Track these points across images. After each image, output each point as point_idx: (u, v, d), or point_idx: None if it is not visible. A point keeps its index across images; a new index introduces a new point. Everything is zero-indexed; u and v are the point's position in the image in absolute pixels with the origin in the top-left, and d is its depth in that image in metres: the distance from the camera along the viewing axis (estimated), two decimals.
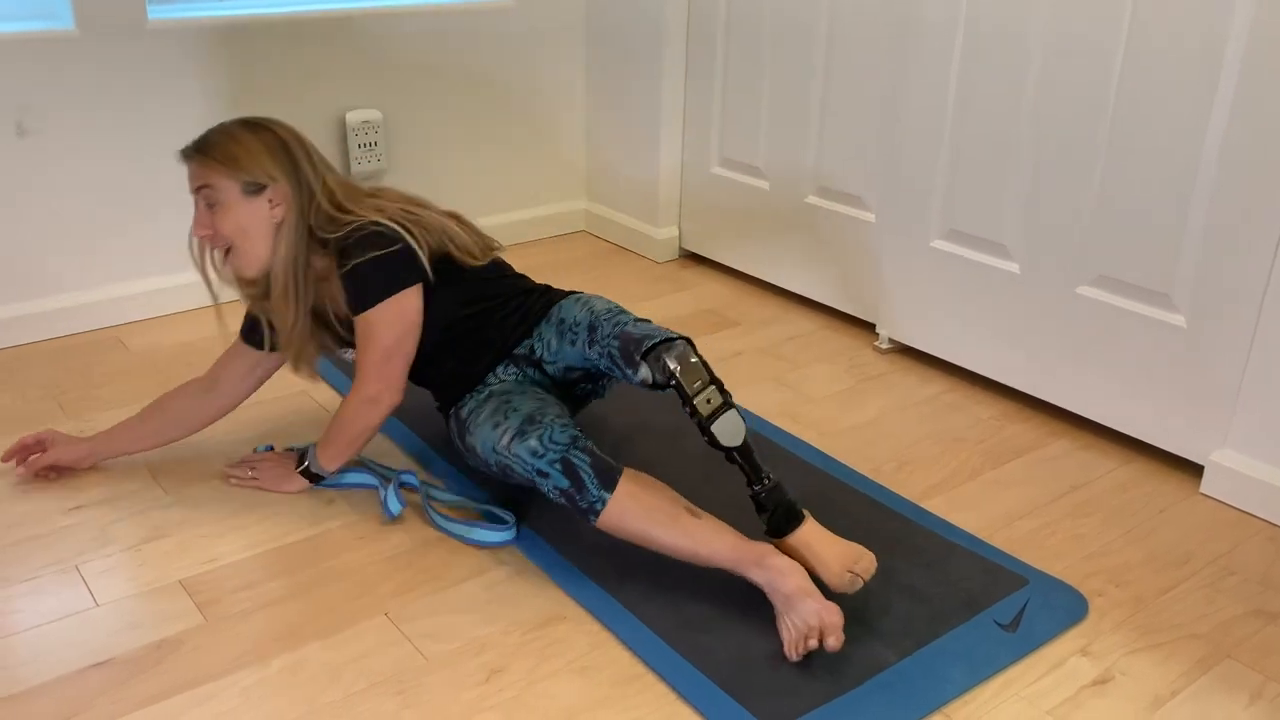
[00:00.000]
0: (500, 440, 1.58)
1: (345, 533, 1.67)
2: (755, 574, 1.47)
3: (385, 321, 1.63)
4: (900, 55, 2.20)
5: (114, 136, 2.29)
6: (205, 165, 1.61)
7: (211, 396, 1.81)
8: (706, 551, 1.50)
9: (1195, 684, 1.42)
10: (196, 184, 1.63)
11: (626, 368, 1.56)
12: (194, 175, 1.63)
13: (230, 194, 1.61)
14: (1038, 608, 1.55)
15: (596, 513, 1.51)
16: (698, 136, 2.76)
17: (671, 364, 1.51)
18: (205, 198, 1.62)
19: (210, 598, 1.52)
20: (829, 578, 1.48)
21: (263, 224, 1.63)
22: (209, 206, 1.62)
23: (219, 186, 1.61)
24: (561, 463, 1.52)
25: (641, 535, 1.52)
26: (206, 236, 1.64)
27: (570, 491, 1.52)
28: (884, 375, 2.27)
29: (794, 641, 1.41)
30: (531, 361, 1.73)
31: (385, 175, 2.68)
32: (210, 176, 1.61)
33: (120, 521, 1.69)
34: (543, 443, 1.54)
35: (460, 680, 1.39)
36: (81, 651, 1.41)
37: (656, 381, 1.53)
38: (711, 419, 1.51)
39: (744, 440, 1.53)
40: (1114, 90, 1.85)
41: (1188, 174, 1.78)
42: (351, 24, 2.53)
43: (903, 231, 2.28)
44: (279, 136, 1.65)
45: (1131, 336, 1.92)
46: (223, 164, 1.60)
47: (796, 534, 1.50)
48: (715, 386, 1.52)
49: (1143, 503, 1.83)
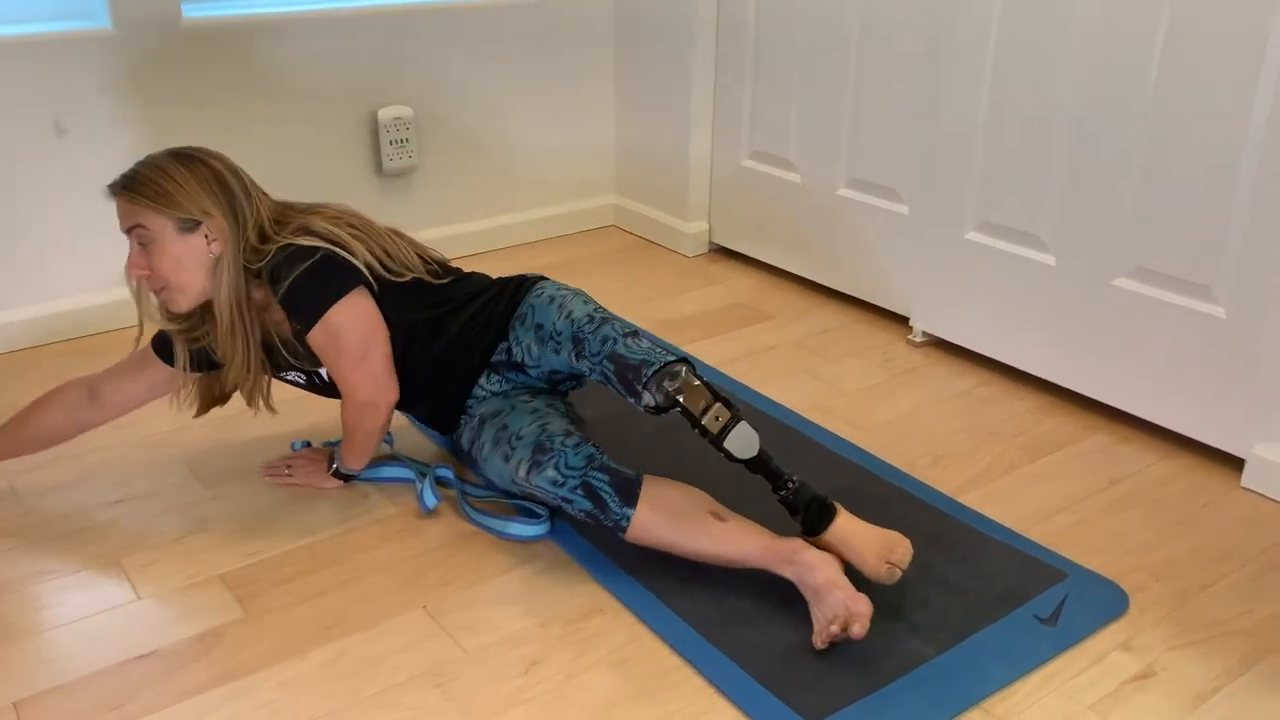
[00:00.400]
0: (517, 473, 1.58)
1: (383, 527, 1.68)
2: (785, 570, 1.47)
3: (342, 326, 1.58)
4: (935, 45, 2.19)
5: (149, 134, 2.31)
6: (136, 204, 1.54)
7: (92, 409, 1.72)
8: (735, 554, 1.50)
9: (1238, 681, 1.41)
10: (128, 224, 1.55)
11: (628, 395, 1.53)
12: (125, 214, 1.55)
13: (164, 232, 1.54)
14: (1077, 602, 1.53)
15: (623, 529, 1.52)
16: (728, 129, 2.75)
17: (674, 391, 1.49)
18: (138, 237, 1.55)
19: (250, 591, 1.53)
20: (867, 570, 1.47)
21: (200, 261, 1.56)
22: (142, 246, 1.55)
23: (152, 226, 1.54)
24: (582, 487, 1.52)
25: (669, 545, 1.52)
26: (143, 276, 1.57)
27: (594, 513, 1.52)
28: (918, 369, 2.26)
29: (820, 630, 1.41)
30: (512, 365, 1.70)
31: (417, 171, 2.69)
32: (142, 216, 1.54)
33: (161, 516, 1.70)
34: (560, 471, 1.53)
35: (499, 673, 1.39)
36: (125, 644, 1.43)
37: (660, 406, 1.51)
38: (723, 435, 1.50)
39: (759, 449, 1.52)
40: (1154, 79, 1.83)
41: (1229, 163, 1.76)
42: (384, 21, 2.54)
43: (937, 224, 2.27)
44: (213, 169, 1.58)
45: (1170, 329, 1.90)
46: (155, 202, 1.53)
47: (831, 529, 1.50)
48: (721, 403, 1.50)
49: (1183, 497, 1.81)
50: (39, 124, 2.19)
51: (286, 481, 1.78)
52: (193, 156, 1.59)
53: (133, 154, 2.29)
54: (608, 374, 1.55)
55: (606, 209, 3.08)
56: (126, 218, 1.56)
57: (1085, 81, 1.93)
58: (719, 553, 1.51)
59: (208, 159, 1.59)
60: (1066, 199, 2.01)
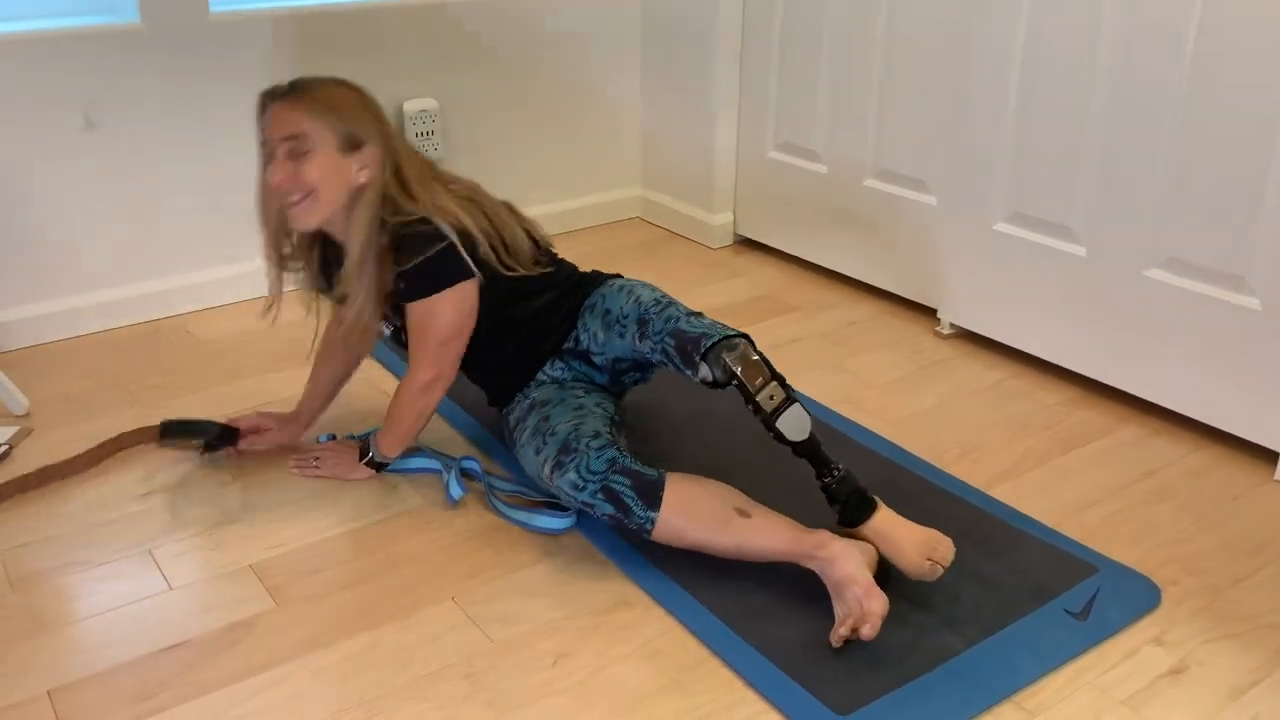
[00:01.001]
0: (542, 471, 1.58)
1: (411, 518, 1.69)
2: (811, 564, 1.47)
3: (442, 312, 1.63)
4: (964, 36, 2.17)
5: (178, 128, 2.32)
6: (301, 110, 1.52)
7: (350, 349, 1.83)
8: (761, 550, 1.50)
9: (1274, 675, 1.39)
10: (286, 131, 1.52)
11: (685, 367, 1.55)
12: (285, 121, 1.52)
13: (325, 144, 1.53)
14: (1109, 596, 1.52)
15: (648, 532, 1.51)
16: (753, 121, 2.74)
17: (732, 363, 1.49)
18: (292, 147, 1.52)
19: (280, 582, 1.54)
20: (907, 566, 1.46)
21: (346, 183, 1.56)
22: (293, 156, 1.53)
23: (313, 136, 1.52)
24: (603, 491, 1.51)
25: (696, 544, 1.52)
26: (284, 182, 1.54)
27: (618, 517, 1.52)
28: (946, 361, 2.24)
29: (833, 630, 1.41)
30: (578, 354, 1.73)
31: (442, 164, 2.68)
32: (306, 123, 1.52)
33: (191, 507, 1.72)
34: (581, 475, 1.52)
35: (528, 664, 1.39)
36: (157, 634, 1.44)
37: (717, 380, 1.51)
38: (775, 415, 1.49)
39: (810, 433, 1.51)
40: (1187, 68, 1.80)
41: (1264, 152, 1.73)
42: (409, 13, 2.54)
43: (965, 215, 2.25)
44: (377, 104, 1.61)
45: (1203, 320, 1.88)
46: (325, 111, 1.53)
47: (870, 523, 1.49)
48: (777, 382, 1.50)
49: (1216, 490, 1.79)
50: (68, 117, 2.20)
51: (315, 473, 1.79)
52: (356, 86, 1.61)
53: (160, 149, 2.32)
54: (668, 350, 1.56)
55: (632, 201, 3.08)
56: (286, 124, 1.53)
57: (1116, 71, 1.91)
58: (745, 549, 1.50)
59: (368, 93, 1.61)
60: (1097, 189, 1.99)
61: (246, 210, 2.44)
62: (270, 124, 1.55)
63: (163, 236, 2.38)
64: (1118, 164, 1.95)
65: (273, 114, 1.55)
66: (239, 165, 2.42)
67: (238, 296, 2.48)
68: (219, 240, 2.45)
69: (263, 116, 1.57)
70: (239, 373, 2.15)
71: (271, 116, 1.55)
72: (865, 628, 1.37)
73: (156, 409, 2.00)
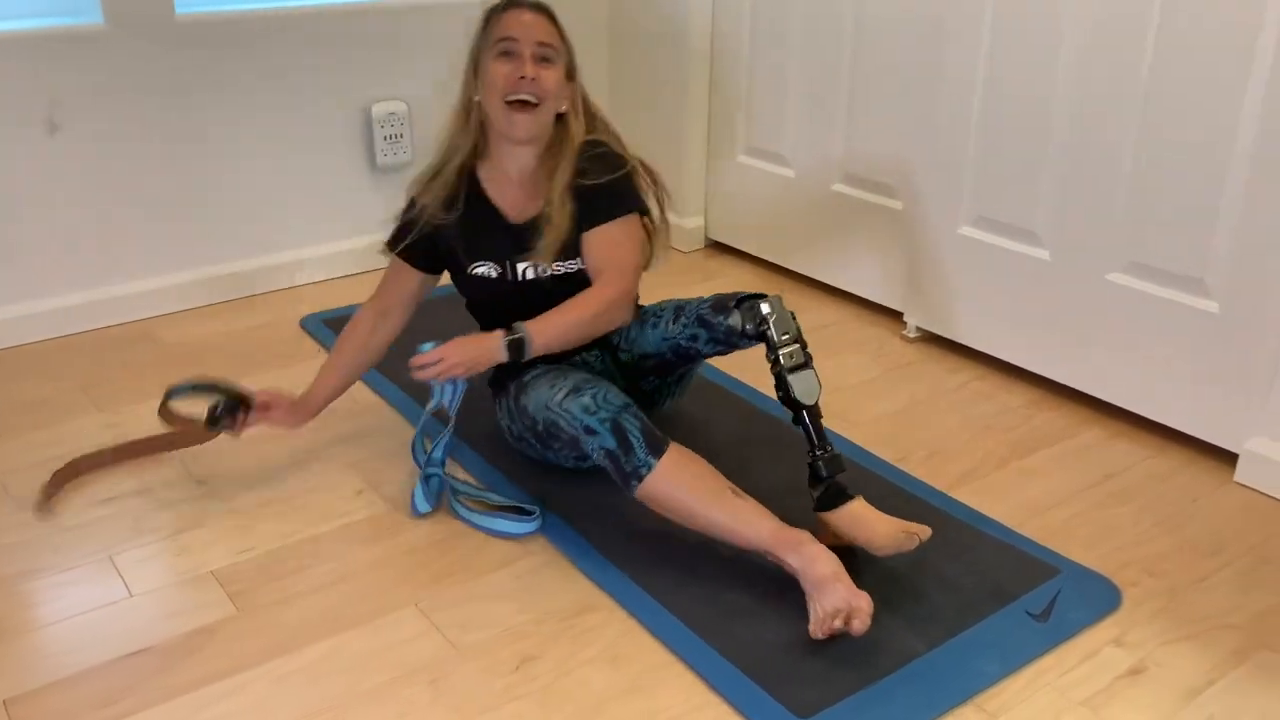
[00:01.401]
0: (554, 397, 1.59)
1: (375, 524, 1.68)
2: (791, 558, 1.47)
3: (631, 234, 1.68)
4: (930, 42, 2.18)
5: (142, 130, 2.30)
6: (554, 26, 1.67)
7: (387, 326, 1.82)
8: (746, 531, 1.50)
9: (1230, 675, 1.41)
10: (543, 37, 1.65)
11: (717, 315, 1.64)
12: (542, 29, 1.65)
13: (560, 63, 1.67)
14: (1070, 597, 1.53)
15: (640, 478, 1.51)
16: (723, 125, 2.75)
17: (765, 309, 1.59)
18: (544, 53, 1.64)
19: (243, 588, 1.53)
20: (883, 541, 1.49)
21: (558, 106, 1.69)
22: (545, 60, 1.65)
23: (559, 52, 1.66)
24: (612, 423, 1.53)
25: (682, 508, 1.52)
26: (534, 81, 1.63)
27: (616, 453, 1.52)
28: (912, 364, 2.26)
29: (820, 620, 1.40)
30: (609, 347, 1.77)
31: (411, 167, 2.68)
32: (557, 40, 1.66)
33: (153, 513, 1.70)
34: (595, 401, 1.55)
35: (491, 669, 1.39)
36: (118, 641, 1.43)
37: (746, 331, 1.60)
38: (793, 371, 1.57)
39: (816, 402, 1.57)
40: (1146, 74, 1.83)
41: (1222, 158, 1.76)
42: (377, 16, 2.53)
43: (931, 219, 2.27)
44: None
45: (1164, 323, 1.90)
46: (564, 37, 1.68)
47: (847, 507, 1.52)
48: (800, 346, 1.59)
49: (1176, 492, 1.81)
50: (32, 119, 2.18)
51: (444, 367, 1.59)
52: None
53: (124, 152, 2.31)
54: (702, 314, 1.66)
55: None
56: (545, 32, 1.65)
57: (1079, 78, 1.93)
58: (730, 527, 1.51)
59: None
60: (1061, 194, 2.01)
61: (212, 213, 2.44)
62: (524, 27, 1.64)
63: (128, 239, 2.36)
64: (1081, 170, 1.97)
65: (528, 19, 1.65)
66: (204, 167, 2.41)
67: (204, 300, 2.47)
68: (185, 243, 2.43)
69: (506, 15, 1.66)
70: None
71: (526, 21, 1.65)
72: (856, 621, 1.39)
73: (120, 415, 1.99)
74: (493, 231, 1.72)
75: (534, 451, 1.76)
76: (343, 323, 2.33)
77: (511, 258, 1.71)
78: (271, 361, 2.21)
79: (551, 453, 1.70)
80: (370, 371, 2.12)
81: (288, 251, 2.58)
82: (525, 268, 1.71)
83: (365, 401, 2.04)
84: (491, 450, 1.87)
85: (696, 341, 1.70)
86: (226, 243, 2.49)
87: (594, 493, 1.74)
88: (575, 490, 1.75)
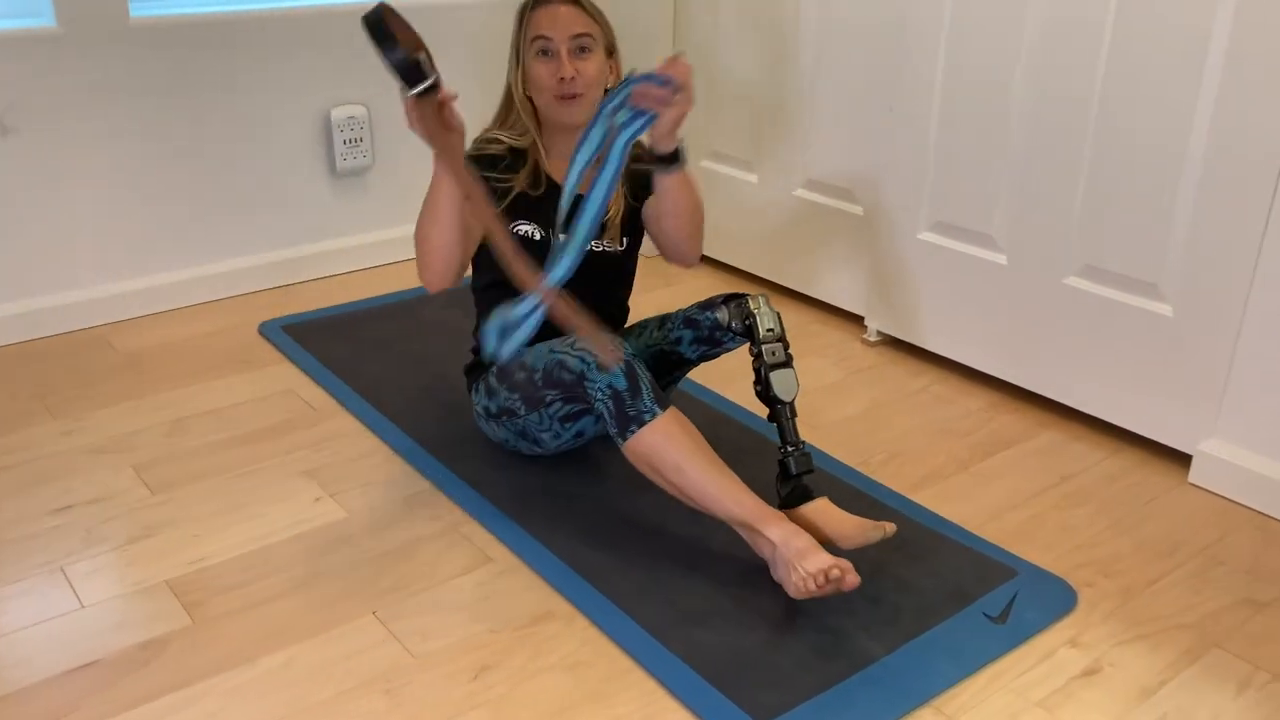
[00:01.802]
0: (563, 343, 1.61)
1: (332, 531, 1.67)
2: (772, 531, 1.47)
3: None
4: (888, 48, 2.20)
5: (97, 134, 2.27)
6: (585, 12, 1.69)
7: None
8: (729, 501, 1.51)
9: (1183, 674, 1.43)
10: (577, 30, 1.67)
11: (704, 311, 1.71)
12: (575, 21, 1.67)
13: (599, 46, 1.70)
14: (1027, 599, 1.55)
15: (642, 423, 1.52)
16: (685, 130, 2.74)
17: (752, 305, 1.65)
18: (581, 43, 1.67)
19: (197, 598, 1.51)
20: (849, 534, 1.51)
21: (604, 85, 1.71)
22: (582, 50, 1.67)
23: (596, 37, 1.69)
24: (626, 365, 1.54)
25: (672, 464, 1.52)
26: (576, 78, 1.66)
27: (624, 394, 1.52)
28: (873, 368, 2.27)
29: (805, 577, 1.40)
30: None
31: (371, 171, 2.67)
32: (592, 26, 1.69)
33: (107, 522, 1.68)
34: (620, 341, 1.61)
35: (449, 678, 1.38)
36: (68, 654, 1.41)
37: (732, 326, 1.67)
38: (774, 368, 1.62)
39: (793, 400, 1.62)
40: (1100, 81, 1.85)
41: (1174, 165, 1.78)
42: (335, 19, 2.51)
43: (891, 224, 2.28)
44: None
45: (1119, 327, 1.92)
46: (598, 19, 1.70)
47: (812, 503, 1.56)
48: (783, 345, 1.65)
49: (1132, 493, 1.83)
50: None
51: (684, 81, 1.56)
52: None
53: (79, 156, 2.27)
54: (688, 315, 1.73)
55: None
56: (577, 24, 1.68)
57: (1035, 84, 1.95)
58: (715, 494, 1.51)
59: None
60: (1017, 199, 2.03)
61: (168, 218, 2.41)
62: (556, 23, 1.67)
63: (82, 245, 2.33)
64: (1037, 176, 1.99)
65: (560, 14, 1.67)
66: (160, 172, 2.38)
67: (160, 307, 2.44)
68: (140, 249, 2.40)
69: (539, 12, 1.69)
70: (160, 385, 2.11)
71: (559, 16, 1.67)
72: (850, 576, 1.40)
73: (79, 421, 1.96)
74: (544, 199, 1.73)
75: (506, 431, 1.76)
76: (304, 328, 2.34)
77: (554, 225, 1.66)
78: (229, 368, 2.18)
79: (535, 415, 1.68)
80: (328, 376, 2.11)
81: (247, 256, 2.55)
82: (524, 225, 1.74)
83: (323, 408, 2.03)
84: (451, 455, 1.86)
85: (680, 344, 1.73)
86: (183, 248, 2.46)
87: (555, 498, 1.74)
88: (537, 497, 1.74)
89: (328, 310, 2.45)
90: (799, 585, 1.41)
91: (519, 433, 1.75)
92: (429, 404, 2.03)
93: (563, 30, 1.66)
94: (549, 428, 1.70)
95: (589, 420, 1.68)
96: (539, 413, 1.68)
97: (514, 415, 1.72)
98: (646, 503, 1.72)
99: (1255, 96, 1.66)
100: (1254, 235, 1.71)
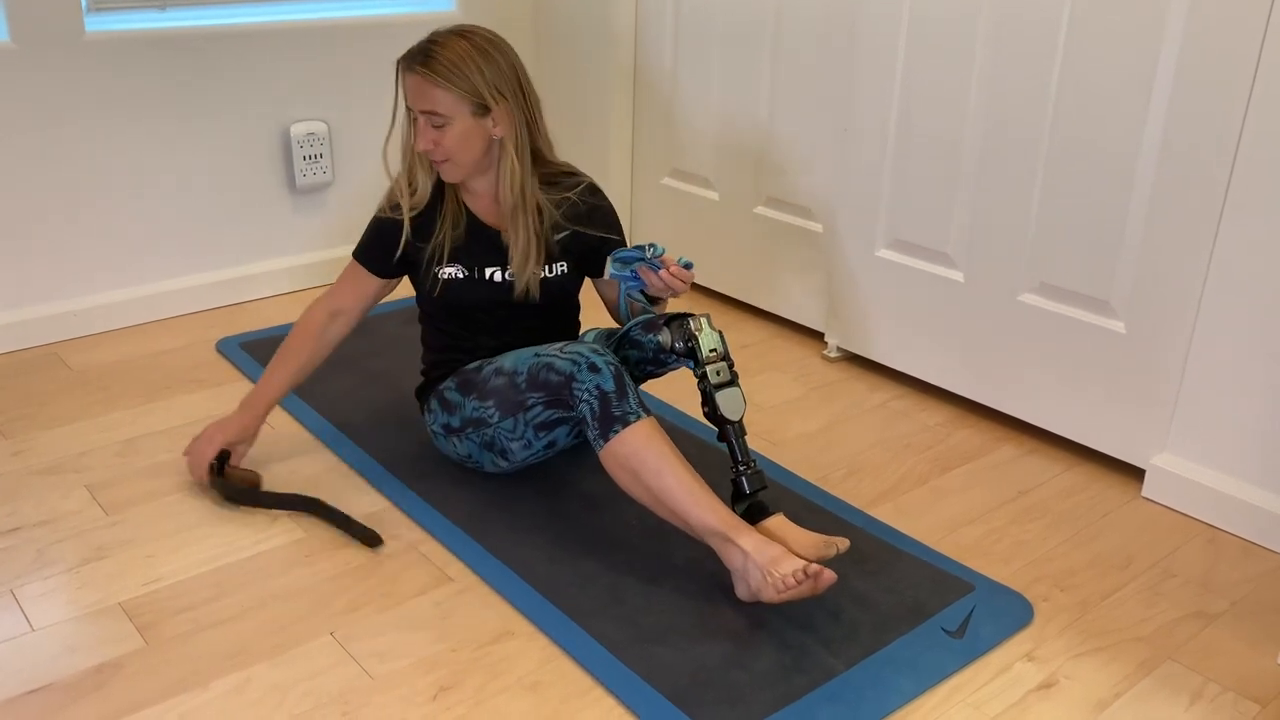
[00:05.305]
0: (549, 348, 1.64)
1: (289, 551, 1.65)
2: (744, 540, 1.49)
3: None
4: (846, 68, 2.22)
5: (51, 150, 2.24)
6: (436, 87, 1.64)
7: (337, 325, 1.83)
8: (701, 510, 1.52)
9: (1137, 686, 1.44)
10: (424, 106, 1.65)
11: (647, 333, 1.70)
12: (422, 95, 1.65)
13: (459, 114, 1.65)
14: (984, 614, 1.56)
15: (627, 424, 1.54)
16: (647, 147, 2.76)
17: (693, 326, 1.64)
18: (431, 120, 1.66)
19: (151, 620, 1.49)
20: (803, 549, 1.51)
21: (483, 139, 1.69)
22: (434, 126, 1.66)
23: (448, 109, 1.65)
24: (615, 369, 1.57)
25: (649, 469, 1.53)
26: (429, 149, 1.67)
27: (611, 395, 1.55)
28: (833, 384, 2.28)
29: (782, 577, 1.42)
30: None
31: (331, 188, 2.65)
32: (441, 101, 1.64)
33: (58, 543, 1.65)
34: (601, 347, 1.62)
35: (408, 699, 1.37)
36: (18, 678, 1.38)
37: (675, 348, 1.64)
38: (719, 388, 1.61)
39: (741, 418, 1.60)
40: (1053, 102, 1.88)
41: (1125, 184, 1.82)
42: (294, 35, 2.50)
43: (849, 241, 2.30)
44: (509, 60, 1.69)
45: (1073, 343, 1.95)
46: (458, 81, 1.63)
47: (767, 522, 1.56)
48: (727, 364, 1.63)
49: (1087, 507, 1.86)
50: None
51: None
52: (486, 50, 1.67)
53: (32, 169, 2.24)
54: (632, 335, 1.72)
55: None
56: (424, 100, 1.65)
57: (989, 105, 1.98)
58: (687, 503, 1.52)
59: (503, 51, 1.69)
60: (973, 217, 2.06)
61: (125, 235, 2.38)
62: (412, 94, 1.67)
63: (35, 261, 2.29)
64: (992, 194, 2.02)
65: (409, 85, 1.67)
66: (114, 187, 2.35)
67: (116, 324, 2.41)
68: (94, 265, 2.37)
69: (403, 76, 1.68)
70: (114, 404, 2.08)
71: (410, 86, 1.67)
72: (827, 572, 1.43)
73: (26, 442, 1.92)
74: (466, 237, 1.76)
75: (470, 445, 1.76)
76: (262, 345, 2.32)
77: (481, 263, 1.76)
78: (185, 386, 2.16)
79: (509, 421, 1.68)
80: (289, 396, 2.09)
81: (205, 273, 2.53)
82: (493, 272, 1.76)
83: (282, 428, 2.01)
84: (410, 473, 1.84)
85: (627, 364, 1.72)
86: (139, 265, 2.43)
87: (515, 516, 1.73)
88: (496, 515, 1.73)
89: (286, 327, 2.42)
90: (778, 585, 1.43)
91: (485, 444, 1.74)
92: (388, 421, 2.01)
93: (417, 103, 1.67)
94: (521, 435, 1.69)
95: (563, 430, 1.68)
96: (514, 419, 1.68)
97: (482, 426, 1.72)
98: (607, 520, 1.72)
99: (1203, 116, 1.70)
100: (1202, 254, 1.75)
